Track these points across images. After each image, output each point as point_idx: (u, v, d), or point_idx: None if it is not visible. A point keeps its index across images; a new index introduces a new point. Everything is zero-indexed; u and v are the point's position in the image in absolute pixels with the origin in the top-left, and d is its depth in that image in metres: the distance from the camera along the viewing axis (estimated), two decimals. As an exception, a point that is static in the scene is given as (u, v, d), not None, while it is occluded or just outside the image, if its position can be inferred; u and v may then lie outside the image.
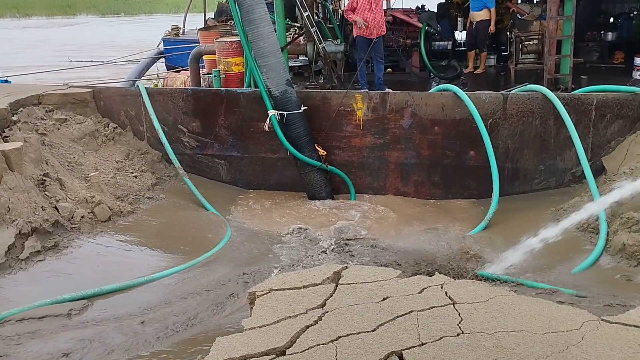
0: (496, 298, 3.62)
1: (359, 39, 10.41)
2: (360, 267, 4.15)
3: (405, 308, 3.50)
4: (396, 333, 3.25)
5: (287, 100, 8.58)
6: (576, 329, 3.27)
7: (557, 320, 3.37)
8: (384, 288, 3.77)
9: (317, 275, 3.98)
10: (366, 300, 3.62)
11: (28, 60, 22.16)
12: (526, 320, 3.37)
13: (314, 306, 3.57)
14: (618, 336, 3.20)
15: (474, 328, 3.29)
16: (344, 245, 7.07)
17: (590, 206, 6.74)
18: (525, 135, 8.34)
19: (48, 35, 34.83)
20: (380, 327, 3.31)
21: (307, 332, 3.27)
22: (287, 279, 3.94)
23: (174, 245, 7.23)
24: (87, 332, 5.11)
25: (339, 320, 3.39)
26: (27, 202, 6.60)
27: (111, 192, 7.98)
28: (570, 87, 9.50)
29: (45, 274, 6.11)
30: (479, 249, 6.95)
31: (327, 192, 9.11)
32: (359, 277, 3.92)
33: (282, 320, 3.40)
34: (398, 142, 8.79)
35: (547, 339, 3.18)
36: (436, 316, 3.41)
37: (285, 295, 3.71)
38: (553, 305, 3.56)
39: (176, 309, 5.54)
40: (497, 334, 3.23)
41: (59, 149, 8.07)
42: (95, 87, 9.53)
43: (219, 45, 10.37)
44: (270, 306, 3.58)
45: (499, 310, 3.48)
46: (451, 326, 3.31)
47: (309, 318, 3.42)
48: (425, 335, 3.23)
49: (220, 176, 9.41)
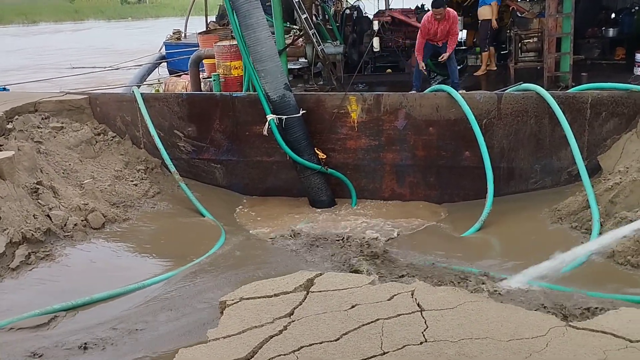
0: (465, 304, 3.59)
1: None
2: (334, 274, 4.15)
3: (372, 316, 3.49)
4: (359, 342, 3.24)
5: (285, 105, 8.58)
6: (542, 336, 3.24)
7: (524, 326, 3.34)
8: (354, 295, 3.76)
9: (289, 282, 3.99)
10: (334, 308, 3.61)
11: (31, 67, 22.43)
12: (492, 327, 3.34)
13: (282, 315, 3.57)
14: (584, 342, 3.17)
15: (438, 336, 3.27)
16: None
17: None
18: (520, 134, 8.27)
19: (54, 41, 35.18)
20: (344, 336, 3.31)
21: (270, 342, 3.27)
22: (259, 287, 3.94)
23: (167, 252, 7.25)
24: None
25: (304, 330, 3.39)
26: (19, 211, 6.66)
27: (106, 199, 8.02)
28: (570, 85, 9.40)
29: (36, 283, 6.15)
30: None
31: (328, 196, 9.11)
32: (330, 285, 3.92)
33: (247, 330, 3.41)
34: (393, 143, 8.75)
35: (511, 346, 3.15)
36: (402, 324, 3.40)
37: (254, 304, 3.72)
38: (522, 311, 3.53)
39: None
40: (461, 342, 3.21)
41: (54, 157, 8.14)
42: (91, 94, 9.61)
43: (218, 49, 10.42)
44: (238, 315, 3.59)
45: (466, 317, 3.46)
46: (416, 334, 3.29)
47: (275, 328, 3.42)
48: (389, 344, 3.21)
49: (217, 180, 9.44)
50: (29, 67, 23.24)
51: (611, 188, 6.99)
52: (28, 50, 31.29)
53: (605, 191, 7.05)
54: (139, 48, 22.04)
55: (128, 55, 19.17)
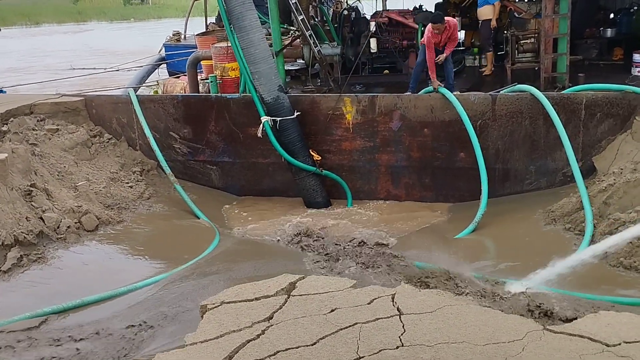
0: (444, 308, 3.58)
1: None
2: (316, 278, 4.15)
3: (351, 320, 3.49)
4: (335, 347, 3.24)
5: (279, 106, 8.59)
6: (518, 340, 3.23)
7: (501, 330, 3.33)
8: (335, 299, 3.76)
9: (271, 286, 3.99)
10: (314, 312, 3.61)
11: (30, 69, 22.52)
12: (470, 331, 3.33)
13: (261, 319, 3.57)
14: (560, 346, 3.15)
15: (415, 340, 3.27)
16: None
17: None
18: (515, 135, 8.25)
19: (55, 43, 35.31)
20: (321, 340, 3.30)
21: (246, 347, 3.27)
22: (241, 291, 3.94)
23: (160, 254, 7.26)
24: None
25: (281, 334, 3.39)
26: (12, 213, 6.69)
27: (101, 201, 8.05)
28: (567, 86, 9.36)
29: (27, 285, 6.17)
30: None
31: (323, 197, 9.11)
32: (312, 288, 3.92)
33: (225, 335, 3.41)
34: (388, 144, 8.75)
35: (487, 351, 3.14)
36: (380, 328, 3.39)
37: (234, 308, 3.72)
38: (500, 315, 3.52)
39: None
40: (437, 346, 3.20)
41: (49, 159, 8.17)
42: (86, 96, 9.64)
43: (215, 51, 10.42)
44: (217, 320, 3.59)
45: (444, 321, 3.45)
46: (392, 338, 3.29)
47: (253, 332, 3.42)
48: (365, 349, 3.21)
49: (213, 182, 9.46)
50: (29, 68, 23.37)
51: (605, 189, 6.96)
52: (28, 51, 31.42)
53: (599, 192, 7.02)
54: (139, 49, 22.09)
55: (128, 56, 19.21)
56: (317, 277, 4.18)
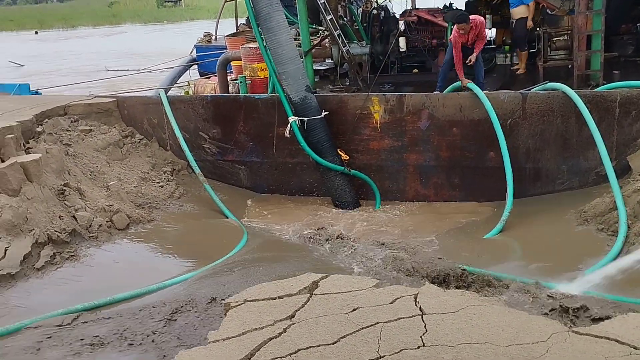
0: (467, 309, 3.55)
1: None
2: (339, 277, 4.14)
3: (372, 319, 3.48)
4: (356, 346, 3.23)
5: (307, 106, 8.61)
6: (543, 341, 3.18)
7: (525, 331, 3.28)
8: (357, 298, 3.75)
9: (294, 285, 4.00)
10: (335, 311, 3.61)
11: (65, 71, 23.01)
12: (492, 332, 3.29)
13: (283, 317, 3.59)
14: (585, 348, 3.09)
15: (436, 340, 3.24)
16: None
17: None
18: (546, 134, 8.11)
19: (91, 45, 36.03)
20: (342, 339, 3.30)
21: (268, 345, 3.29)
22: (264, 289, 3.97)
23: (189, 252, 7.36)
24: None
25: (302, 333, 3.40)
26: (46, 212, 6.85)
27: (132, 200, 8.18)
28: (601, 83, 9.17)
29: (60, 282, 6.31)
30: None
31: (352, 197, 9.09)
32: (334, 287, 3.92)
33: (247, 333, 3.44)
34: (416, 144, 8.69)
35: (510, 352, 3.10)
36: (401, 328, 3.38)
37: (257, 307, 3.74)
38: (524, 316, 3.47)
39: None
40: (458, 347, 3.17)
41: (82, 159, 8.34)
42: (119, 97, 9.81)
43: (244, 52, 10.51)
44: (240, 318, 3.62)
45: (467, 322, 3.41)
46: (414, 338, 3.27)
47: (274, 330, 3.44)
48: (386, 348, 3.20)
49: (241, 181, 9.53)
50: (63, 70, 23.90)
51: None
52: (64, 54, 32.12)
53: (634, 192, 6.87)
54: (171, 51, 22.40)
55: (160, 58, 19.50)
56: (339, 276, 4.17)
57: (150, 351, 4.89)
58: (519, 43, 11.37)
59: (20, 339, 5.14)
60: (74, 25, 49.38)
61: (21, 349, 5.02)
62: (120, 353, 4.92)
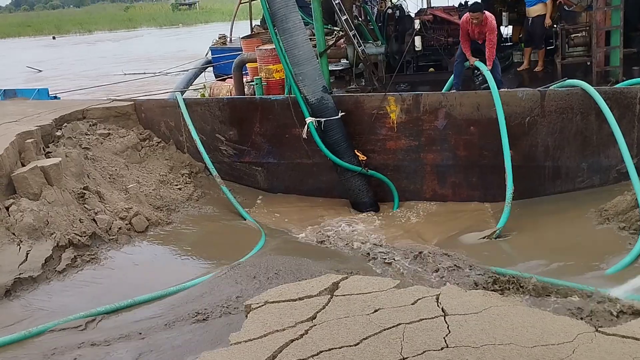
0: (490, 309, 3.51)
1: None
2: (359, 278, 4.13)
3: (394, 320, 3.46)
4: (379, 347, 3.21)
5: (324, 107, 8.61)
6: (568, 342, 3.13)
7: (550, 332, 3.24)
8: (378, 299, 3.73)
9: (315, 286, 3.99)
10: (357, 312, 3.59)
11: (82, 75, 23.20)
12: (517, 333, 3.25)
13: (304, 319, 3.58)
14: (612, 349, 3.05)
15: (460, 341, 3.21)
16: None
17: None
18: (566, 132, 8.04)
19: (107, 49, 36.34)
20: (364, 340, 3.29)
21: (290, 347, 3.28)
22: (284, 291, 3.96)
23: (208, 254, 7.38)
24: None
25: (324, 334, 3.38)
26: (66, 215, 6.91)
27: (151, 203, 8.23)
28: (621, 80, 9.08)
29: (80, 285, 6.36)
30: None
31: (370, 197, 9.06)
32: (355, 288, 3.90)
33: (269, 334, 3.43)
34: (433, 143, 8.65)
35: (535, 353, 3.06)
36: (424, 329, 3.35)
37: (278, 308, 3.74)
38: (549, 317, 3.42)
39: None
40: (482, 348, 3.14)
41: (101, 163, 8.41)
42: (136, 100, 9.88)
43: (259, 53, 10.53)
44: (261, 319, 3.61)
45: (490, 322, 3.38)
46: (437, 340, 3.24)
47: (296, 332, 3.43)
48: (408, 350, 3.17)
49: (258, 183, 9.54)
50: (80, 74, 24.10)
51: (662, 187, 6.71)
52: (81, 58, 32.42)
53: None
54: (187, 54, 22.53)
55: (177, 60, 19.61)
56: (360, 277, 4.16)
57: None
58: (537, 41, 11.26)
59: (43, 342, 5.20)
60: (91, 30, 49.91)
61: (42, 352, 5.08)
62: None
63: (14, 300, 5.85)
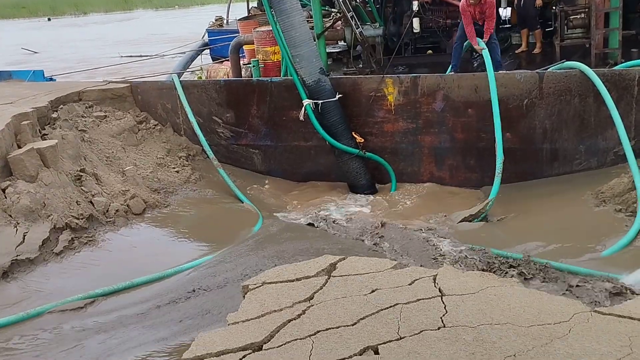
0: (487, 289, 3.52)
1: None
2: (357, 259, 4.12)
3: (392, 301, 3.46)
4: (376, 327, 3.22)
5: (321, 89, 8.57)
6: (564, 322, 3.15)
7: (546, 312, 3.25)
8: (376, 280, 3.74)
9: (312, 267, 3.99)
10: (354, 292, 3.60)
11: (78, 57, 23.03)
12: (513, 313, 3.27)
13: (301, 299, 3.59)
14: (608, 328, 3.06)
15: (457, 321, 3.22)
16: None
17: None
18: (564, 114, 8.02)
19: (103, 31, 36.07)
20: (361, 320, 3.30)
21: (287, 327, 3.29)
22: (282, 272, 3.97)
23: (205, 236, 7.38)
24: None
25: (321, 314, 3.39)
26: (63, 198, 6.89)
27: (148, 185, 8.21)
28: (620, 62, 9.04)
29: (78, 267, 6.37)
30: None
31: (367, 180, 9.07)
32: (352, 269, 3.91)
33: (266, 315, 3.44)
34: (431, 126, 8.63)
35: (531, 332, 3.08)
36: (420, 309, 3.36)
37: (275, 289, 3.74)
38: (545, 297, 3.44)
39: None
40: (479, 327, 3.15)
41: (97, 145, 8.37)
42: (132, 82, 9.81)
43: (256, 35, 10.46)
44: (259, 300, 3.62)
45: (487, 303, 3.39)
46: (434, 319, 3.25)
47: (293, 312, 3.44)
48: (405, 329, 3.18)
49: (256, 166, 9.52)
50: (76, 56, 23.93)
51: (659, 169, 6.71)
52: (77, 40, 32.18)
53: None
54: (183, 36, 22.37)
55: (173, 42, 19.47)
56: (357, 258, 4.15)
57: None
58: (530, 22, 11.19)
59: (42, 323, 5.23)
60: (86, 12, 49.45)
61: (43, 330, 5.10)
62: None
63: (11, 282, 5.87)
